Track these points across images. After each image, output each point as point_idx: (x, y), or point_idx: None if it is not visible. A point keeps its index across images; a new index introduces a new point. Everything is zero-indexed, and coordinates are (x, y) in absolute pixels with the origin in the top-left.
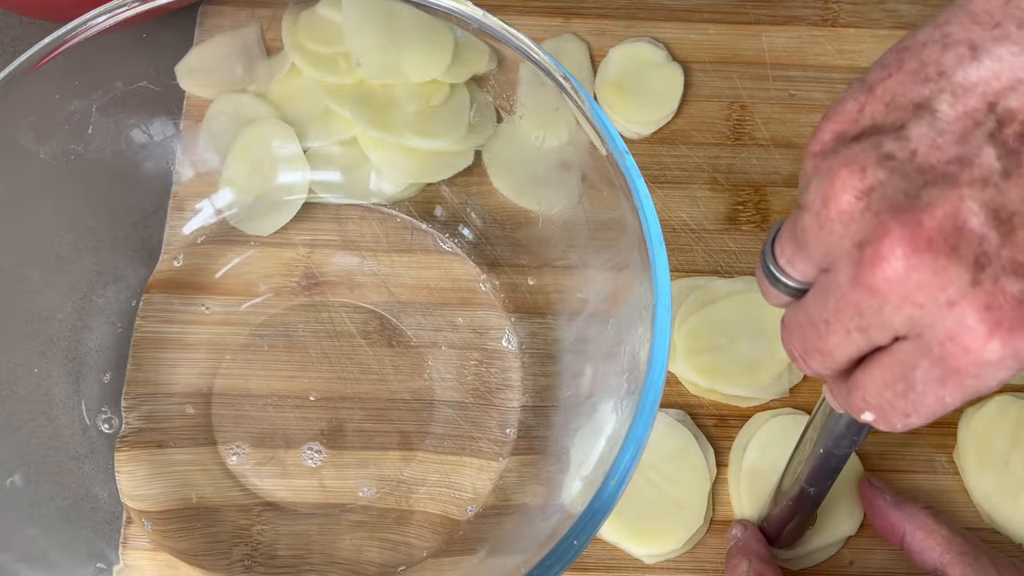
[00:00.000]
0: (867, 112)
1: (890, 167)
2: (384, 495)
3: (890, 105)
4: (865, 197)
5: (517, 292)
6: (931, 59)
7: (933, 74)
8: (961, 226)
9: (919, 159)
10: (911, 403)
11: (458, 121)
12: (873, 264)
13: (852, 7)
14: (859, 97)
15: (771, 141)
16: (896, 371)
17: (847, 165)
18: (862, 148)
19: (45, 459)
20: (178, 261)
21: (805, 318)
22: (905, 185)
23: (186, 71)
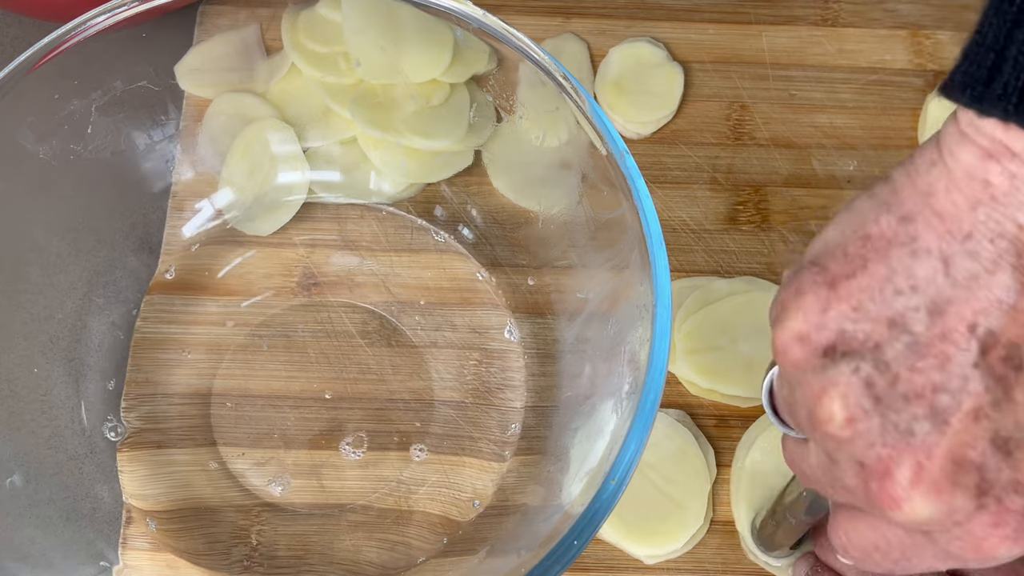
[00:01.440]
0: (832, 314)
1: (873, 396)
2: (384, 495)
3: (859, 311)
4: (851, 425)
5: (517, 292)
6: (900, 267)
7: (905, 287)
8: (960, 461)
9: (901, 386)
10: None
11: (458, 121)
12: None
13: (852, 7)
14: (820, 292)
15: (771, 141)
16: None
17: (827, 391)
18: (840, 372)
19: (45, 459)
20: (178, 261)
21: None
22: (894, 416)
23: (186, 71)
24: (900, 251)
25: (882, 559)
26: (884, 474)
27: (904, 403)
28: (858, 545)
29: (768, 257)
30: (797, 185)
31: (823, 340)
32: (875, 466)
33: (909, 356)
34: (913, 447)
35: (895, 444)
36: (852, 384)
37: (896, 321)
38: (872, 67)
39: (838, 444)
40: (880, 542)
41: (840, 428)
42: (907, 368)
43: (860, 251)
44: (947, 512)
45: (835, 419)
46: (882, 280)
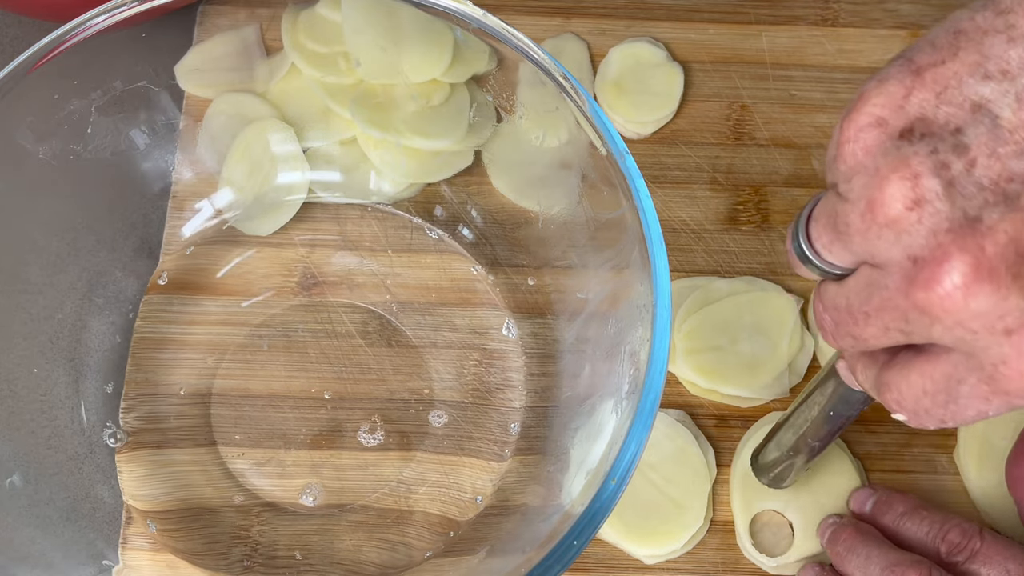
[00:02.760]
0: (914, 99)
1: (946, 178)
2: (383, 495)
3: (942, 97)
4: (917, 208)
5: (517, 292)
6: (994, 53)
7: (995, 71)
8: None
9: (978, 171)
10: (950, 413)
11: (458, 121)
12: (929, 286)
13: (852, 7)
14: (905, 79)
15: (771, 141)
16: (939, 382)
17: (897, 171)
18: (915, 151)
19: (45, 459)
20: (177, 261)
21: (844, 303)
22: (963, 202)
23: (185, 71)
24: (995, 38)
25: (931, 404)
26: (943, 259)
27: (978, 189)
28: (908, 395)
29: (768, 257)
30: (797, 185)
31: (900, 123)
32: (933, 255)
33: (991, 141)
34: (979, 233)
35: (960, 230)
36: (926, 164)
37: (982, 106)
38: (872, 67)
39: (896, 235)
40: (927, 384)
41: (905, 211)
42: (987, 153)
43: (951, 41)
44: (1000, 310)
45: (901, 200)
46: (972, 65)
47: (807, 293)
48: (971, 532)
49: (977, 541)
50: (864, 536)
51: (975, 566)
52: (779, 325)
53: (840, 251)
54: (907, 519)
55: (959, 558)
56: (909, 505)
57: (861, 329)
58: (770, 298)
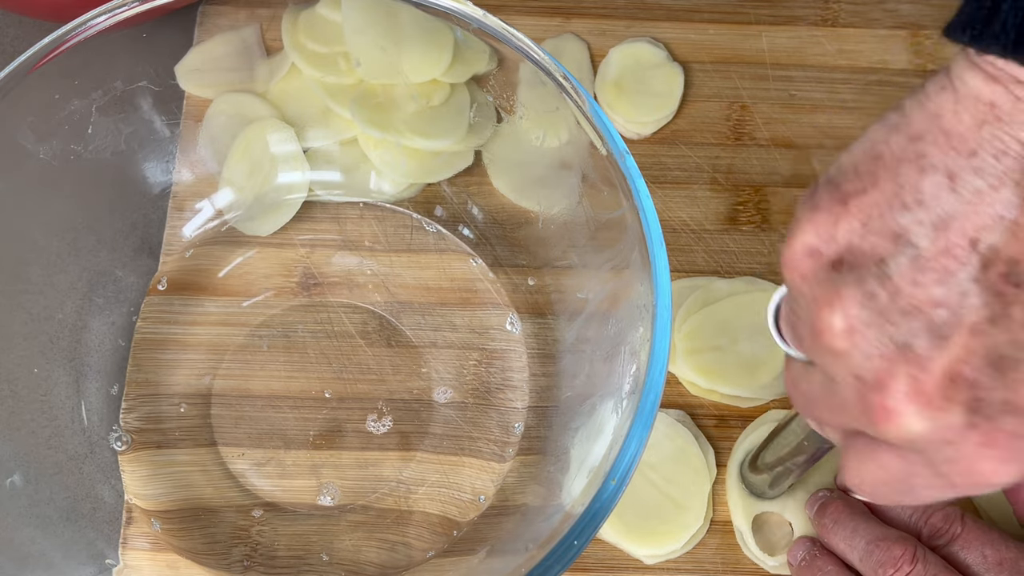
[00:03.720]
0: (842, 228)
1: (873, 308)
2: (383, 495)
3: (867, 227)
4: (850, 337)
5: (517, 292)
6: (908, 183)
7: (911, 202)
8: (955, 377)
9: (901, 300)
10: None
11: (458, 121)
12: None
13: (852, 7)
14: (833, 208)
15: (771, 141)
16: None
17: (830, 302)
18: (844, 282)
19: (45, 459)
20: (178, 261)
21: (808, 390)
22: (891, 330)
23: (186, 71)
24: (908, 167)
25: (889, 491)
26: (880, 386)
27: (903, 317)
28: (867, 480)
29: (768, 257)
30: (797, 185)
31: (832, 253)
32: (871, 378)
33: (911, 270)
34: (910, 360)
35: (892, 357)
36: (855, 296)
37: (901, 235)
38: (872, 67)
39: (836, 357)
40: (884, 474)
41: (840, 339)
42: (909, 282)
43: (871, 168)
44: (939, 428)
45: (835, 329)
46: (890, 195)
47: None
48: (953, 517)
49: (958, 526)
50: (852, 510)
51: (954, 549)
52: None
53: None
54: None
55: (940, 541)
56: None
57: (827, 417)
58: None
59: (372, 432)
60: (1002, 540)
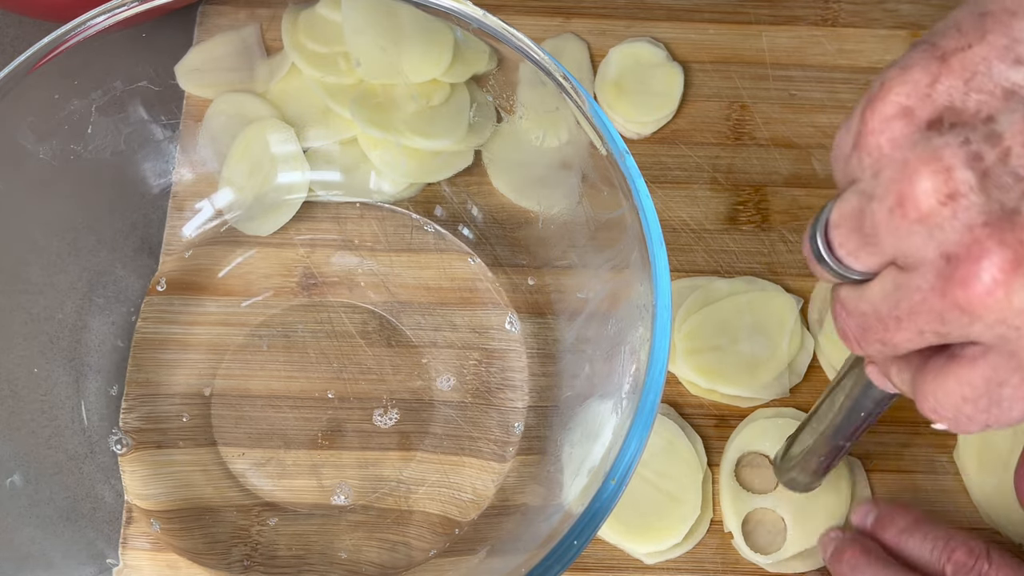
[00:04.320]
0: (941, 87)
1: (980, 169)
2: (383, 495)
3: (971, 84)
4: (951, 203)
5: (517, 292)
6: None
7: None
8: None
9: (1013, 161)
10: (994, 417)
11: (458, 121)
12: (967, 284)
13: (852, 7)
14: (930, 66)
15: (771, 141)
16: (979, 387)
17: (928, 163)
18: (946, 143)
19: (45, 459)
20: (178, 261)
21: (870, 308)
22: (999, 194)
23: (186, 71)
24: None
25: (973, 410)
26: (981, 255)
27: (1015, 180)
28: (947, 403)
29: (768, 257)
30: (797, 185)
31: (929, 113)
32: (970, 251)
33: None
34: (1018, 226)
35: (998, 224)
36: (958, 156)
37: (1015, 92)
38: (872, 67)
39: (929, 231)
40: (966, 390)
41: (938, 205)
42: (1021, 143)
43: (978, 24)
44: None
45: (935, 194)
46: (1001, 49)
47: (807, 293)
48: (978, 551)
49: (985, 563)
50: (868, 556)
51: None
52: (779, 325)
53: (867, 256)
54: (909, 536)
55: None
56: (910, 520)
57: (892, 335)
58: (770, 298)
59: (378, 426)
60: None
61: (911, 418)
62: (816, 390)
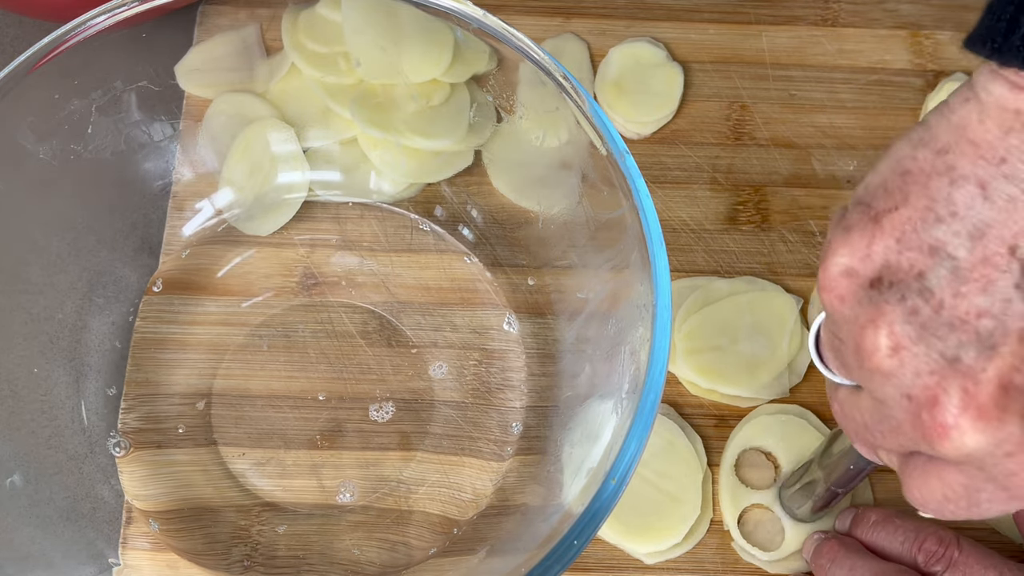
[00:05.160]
0: (877, 248)
1: (918, 323)
2: (383, 495)
3: (902, 243)
4: (896, 354)
5: (517, 292)
6: (940, 196)
7: (945, 214)
8: (1007, 386)
9: (946, 312)
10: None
11: (458, 121)
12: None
13: (852, 7)
14: (866, 228)
15: (771, 141)
16: (958, 491)
17: (872, 322)
18: (886, 300)
19: (45, 459)
20: (178, 261)
21: (859, 417)
22: (939, 344)
23: (186, 71)
24: (939, 181)
25: (955, 508)
26: (932, 402)
27: (949, 330)
28: (930, 499)
29: (768, 257)
30: (797, 185)
31: (869, 272)
32: (923, 396)
33: (952, 282)
34: (960, 373)
35: (942, 372)
36: (897, 312)
37: (938, 248)
38: (872, 67)
39: (885, 377)
40: (948, 491)
41: (887, 358)
42: (951, 294)
43: (901, 186)
44: (997, 441)
45: (881, 348)
46: (923, 210)
47: (807, 293)
48: (948, 540)
49: (955, 550)
50: (847, 548)
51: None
52: (779, 325)
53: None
54: (880, 528)
55: (938, 567)
56: (881, 515)
57: (880, 441)
58: (770, 298)
59: (375, 421)
60: (1003, 562)
61: None
62: (816, 390)
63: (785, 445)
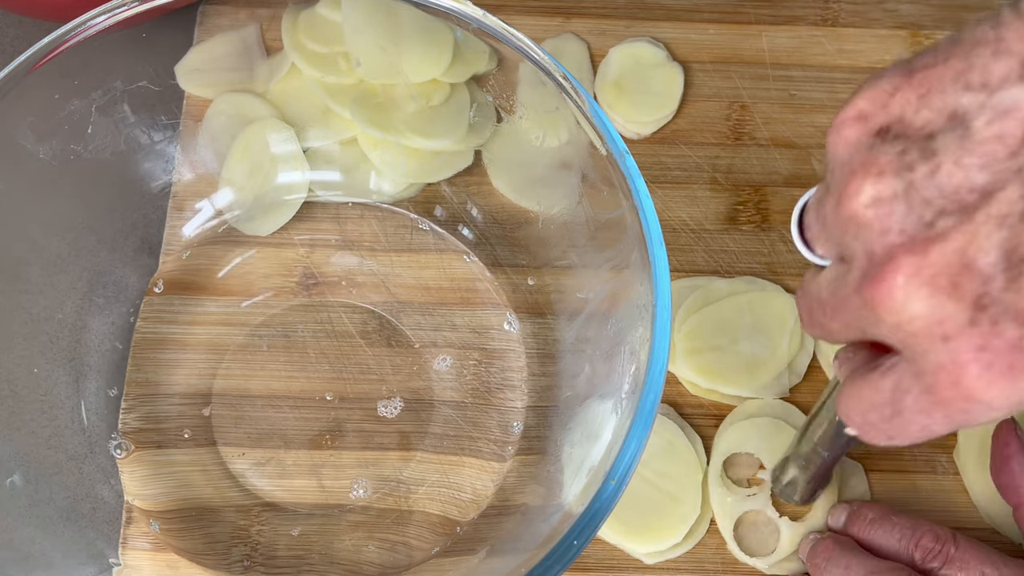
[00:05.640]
0: (898, 99)
1: (908, 180)
2: (383, 495)
3: (923, 101)
4: (876, 206)
5: (517, 292)
6: (978, 64)
7: (977, 83)
8: (968, 264)
9: (939, 178)
10: (895, 427)
11: (458, 121)
12: (873, 284)
13: (852, 7)
14: (895, 78)
15: (771, 141)
16: (885, 395)
17: (865, 167)
18: (885, 151)
19: (45, 459)
20: (178, 261)
21: (816, 292)
22: (921, 207)
23: (186, 71)
24: (983, 49)
25: (878, 417)
26: (888, 260)
27: (937, 194)
28: (856, 408)
29: (768, 257)
30: (797, 185)
31: (880, 120)
32: (882, 253)
33: (958, 150)
34: (927, 240)
35: (912, 234)
36: (892, 165)
37: (957, 114)
38: (872, 67)
39: (857, 228)
40: (875, 396)
41: (865, 206)
42: (952, 161)
43: (947, 48)
44: (938, 316)
45: (862, 195)
46: (957, 72)
47: None
48: (944, 537)
49: (951, 546)
50: (842, 546)
51: (951, 571)
52: (779, 325)
53: (824, 243)
54: (876, 526)
55: (935, 564)
56: (877, 512)
57: (828, 321)
58: (770, 298)
59: (384, 417)
60: (1000, 558)
61: None
62: (816, 390)
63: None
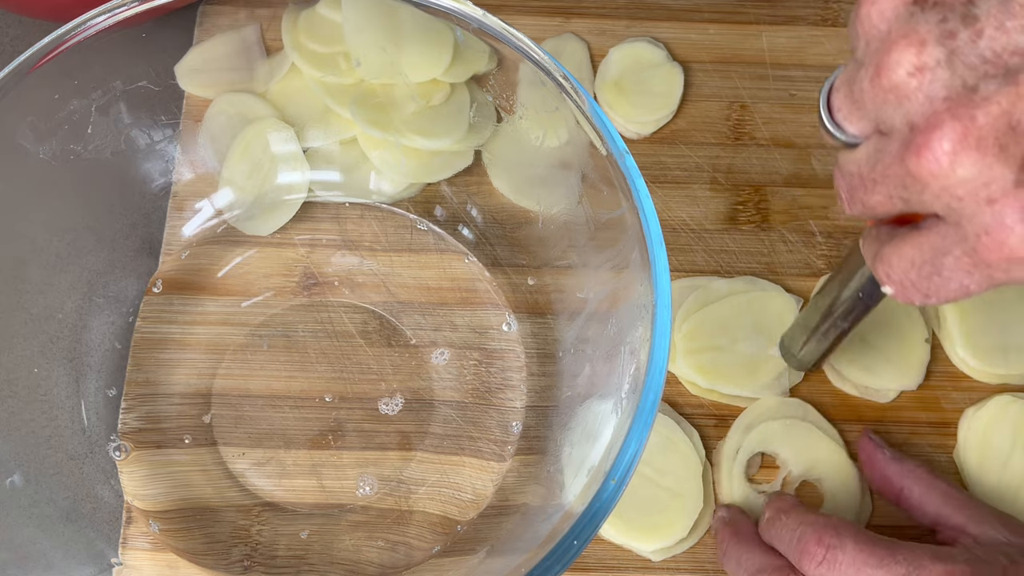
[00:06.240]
0: None
1: (950, 47)
2: (384, 495)
3: None
4: (919, 75)
5: (517, 292)
6: None
7: None
8: (1015, 125)
9: (982, 43)
10: (933, 286)
11: (458, 121)
12: (919, 152)
13: (852, 7)
14: None
15: (771, 141)
16: (926, 254)
17: (905, 37)
18: (925, 19)
19: (45, 459)
20: (177, 261)
21: (855, 169)
22: (964, 72)
23: (185, 71)
24: None
25: (917, 276)
26: (933, 127)
27: (980, 60)
28: (897, 267)
29: (768, 257)
30: (797, 185)
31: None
32: (927, 121)
33: (1000, 14)
34: (972, 104)
35: (956, 99)
36: (933, 32)
37: None
38: None
39: (898, 99)
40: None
41: (907, 75)
42: (994, 26)
43: None
44: (984, 178)
45: (904, 65)
46: None
47: (807, 293)
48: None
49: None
50: (738, 538)
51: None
52: (779, 325)
53: (857, 120)
54: (770, 524)
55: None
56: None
57: (869, 196)
58: (770, 298)
59: (386, 414)
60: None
61: (911, 418)
62: (816, 390)
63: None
